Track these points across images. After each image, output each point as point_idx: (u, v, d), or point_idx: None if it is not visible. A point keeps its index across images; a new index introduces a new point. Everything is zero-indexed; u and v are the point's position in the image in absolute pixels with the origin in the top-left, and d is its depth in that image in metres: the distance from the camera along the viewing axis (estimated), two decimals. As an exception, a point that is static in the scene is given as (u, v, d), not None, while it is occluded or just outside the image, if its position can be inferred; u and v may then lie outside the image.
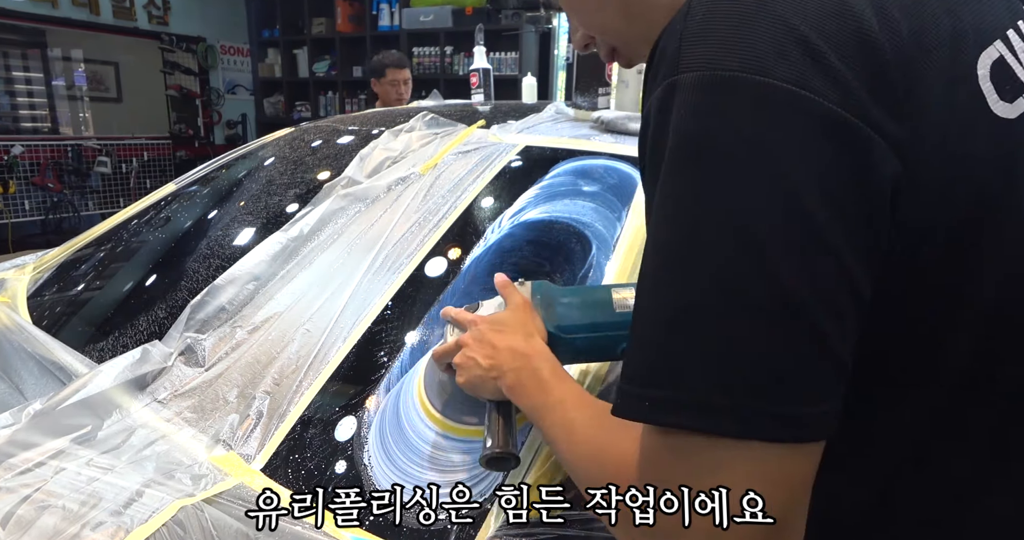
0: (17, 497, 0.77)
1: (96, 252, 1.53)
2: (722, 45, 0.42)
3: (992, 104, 0.45)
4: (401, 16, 5.50)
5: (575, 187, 1.13)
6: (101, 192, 5.72)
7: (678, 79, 0.42)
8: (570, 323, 0.72)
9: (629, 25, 0.59)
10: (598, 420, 0.54)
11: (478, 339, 0.72)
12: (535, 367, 0.65)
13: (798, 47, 0.40)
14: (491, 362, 0.69)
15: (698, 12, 0.44)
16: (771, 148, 0.40)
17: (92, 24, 5.54)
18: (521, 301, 0.75)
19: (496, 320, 0.74)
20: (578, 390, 0.62)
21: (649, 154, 0.46)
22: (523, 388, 0.65)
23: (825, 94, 0.40)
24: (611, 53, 0.65)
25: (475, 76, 2.18)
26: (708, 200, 0.41)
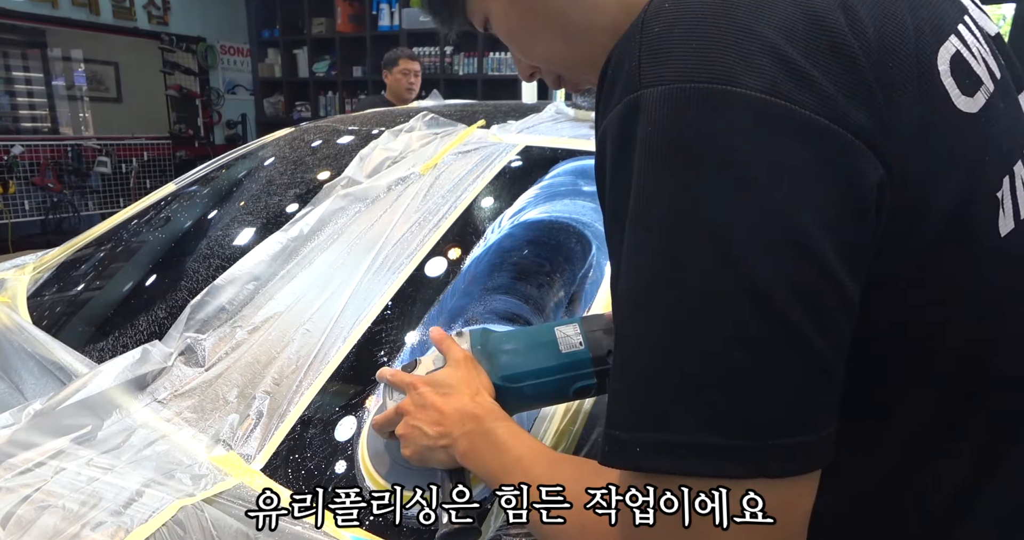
0: (17, 497, 0.77)
1: (96, 252, 1.53)
2: (687, 57, 0.39)
3: (955, 99, 0.44)
4: (401, 16, 5.49)
5: (575, 187, 1.13)
6: (101, 192, 5.72)
7: (641, 94, 0.40)
8: (516, 372, 0.68)
9: (570, 51, 0.58)
10: (561, 473, 0.52)
11: (420, 405, 0.66)
12: (487, 429, 0.60)
13: (767, 55, 0.39)
14: (439, 429, 0.63)
15: (655, 24, 0.42)
16: (749, 159, 0.38)
17: (92, 24, 5.54)
18: (461, 356, 0.70)
19: (438, 381, 0.67)
20: (536, 445, 0.58)
21: (611, 174, 0.43)
22: (477, 452, 0.60)
23: (801, 102, 0.38)
24: (557, 80, 0.64)
25: None
26: (685, 223, 0.38)
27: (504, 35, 0.62)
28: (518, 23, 0.59)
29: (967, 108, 0.45)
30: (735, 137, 0.38)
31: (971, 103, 0.45)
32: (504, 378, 0.68)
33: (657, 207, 0.39)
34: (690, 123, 0.38)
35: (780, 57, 0.39)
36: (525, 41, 0.61)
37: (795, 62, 0.39)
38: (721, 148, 0.38)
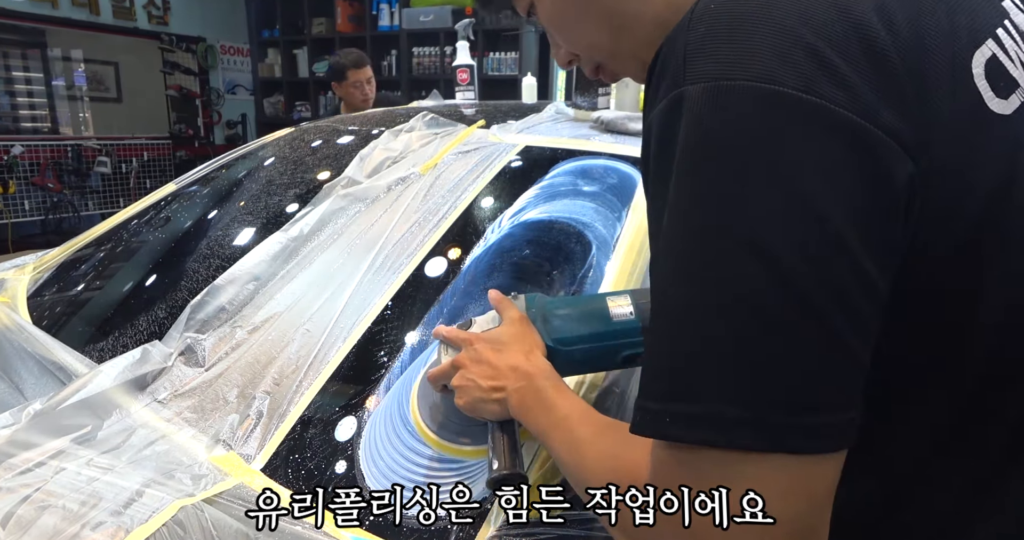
0: (17, 497, 0.77)
1: (96, 252, 1.53)
2: (728, 55, 0.42)
3: (988, 101, 0.46)
4: (401, 16, 5.49)
5: (575, 187, 1.13)
6: (101, 192, 5.72)
7: (684, 91, 0.42)
8: (568, 335, 0.71)
9: (614, 41, 0.59)
10: (604, 436, 0.54)
11: (475, 359, 0.70)
12: (538, 386, 0.64)
13: (804, 54, 0.40)
14: (492, 383, 0.67)
15: (700, 23, 0.44)
16: (783, 155, 0.40)
17: (92, 24, 5.54)
18: (518, 316, 0.74)
19: (493, 338, 0.72)
20: (583, 406, 0.61)
21: (654, 167, 0.46)
22: (528, 408, 0.64)
23: (834, 99, 0.40)
24: (596, 69, 0.65)
25: (464, 72, 2.11)
26: (721, 210, 0.41)
27: (549, 21, 0.63)
28: (565, 10, 0.60)
29: (1001, 110, 0.46)
30: (772, 133, 0.40)
31: (1005, 105, 0.47)
32: (557, 341, 0.71)
33: (695, 197, 0.42)
34: (728, 118, 0.41)
35: (817, 57, 0.40)
36: (570, 28, 0.62)
37: (831, 62, 0.40)
38: (757, 143, 0.40)
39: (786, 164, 0.40)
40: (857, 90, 0.40)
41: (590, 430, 0.56)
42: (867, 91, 0.40)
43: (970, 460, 0.50)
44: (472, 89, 2.14)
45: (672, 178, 0.43)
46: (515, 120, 1.37)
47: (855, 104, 0.40)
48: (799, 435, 0.39)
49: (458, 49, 2.16)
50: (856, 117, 0.40)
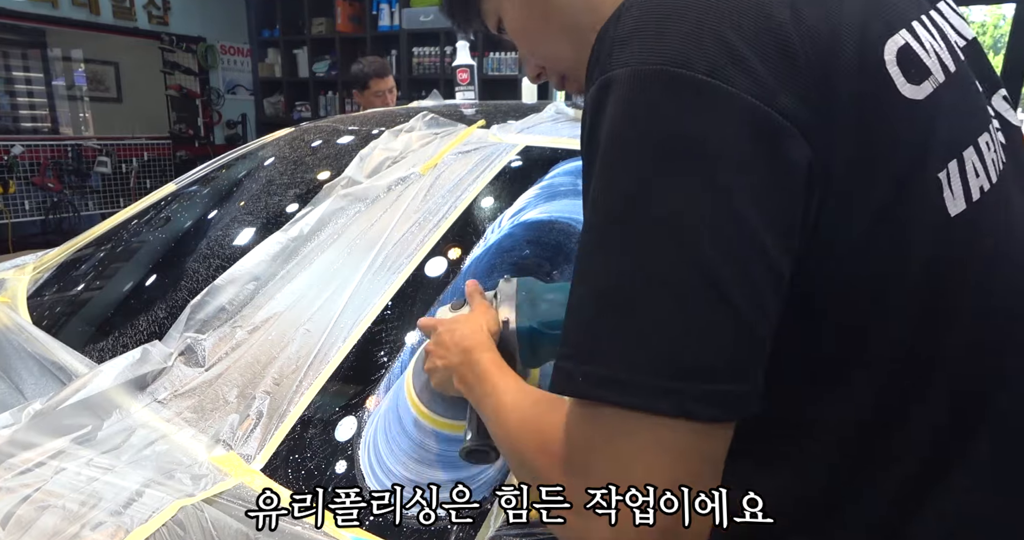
0: (17, 497, 0.77)
1: (96, 252, 1.53)
2: (648, 43, 0.45)
3: (900, 86, 0.49)
4: (401, 16, 5.49)
5: (575, 187, 1.13)
6: (101, 192, 5.71)
7: (610, 76, 0.46)
8: (554, 319, 0.73)
9: (575, 52, 0.62)
10: (527, 403, 0.57)
11: (437, 342, 0.75)
12: (475, 359, 0.68)
13: (714, 42, 0.44)
14: (445, 362, 0.72)
15: (626, 17, 0.48)
16: (689, 134, 0.43)
17: (92, 24, 5.53)
18: (479, 302, 0.78)
19: (452, 321, 0.76)
20: (512, 378, 0.64)
21: (585, 148, 0.49)
22: (466, 380, 0.68)
23: (737, 83, 0.43)
24: (561, 81, 0.69)
25: (464, 72, 2.12)
26: (633, 186, 0.44)
27: (516, 35, 0.67)
28: (529, 24, 0.65)
29: (912, 95, 0.49)
30: (679, 112, 0.44)
31: (917, 91, 0.49)
32: (542, 323, 0.73)
33: (612, 173, 0.45)
34: (643, 100, 0.44)
35: (724, 44, 0.44)
36: (534, 41, 0.66)
37: (737, 50, 0.44)
38: (665, 121, 0.44)
39: (692, 143, 0.43)
40: (759, 76, 0.44)
41: (515, 398, 0.59)
42: (768, 77, 0.44)
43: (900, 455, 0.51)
44: (472, 89, 2.14)
45: (597, 156, 0.46)
46: (515, 120, 1.37)
47: (756, 89, 0.43)
48: (697, 402, 0.42)
49: (458, 49, 2.16)
50: (756, 101, 0.43)
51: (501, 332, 0.73)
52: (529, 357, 0.74)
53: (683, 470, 0.43)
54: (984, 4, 3.78)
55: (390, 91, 3.23)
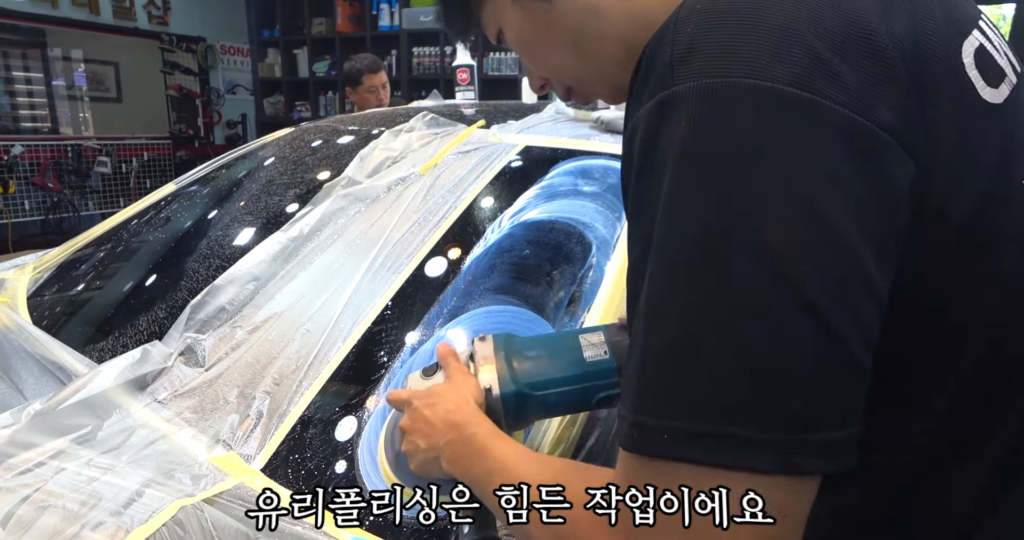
0: (17, 497, 0.77)
1: (96, 252, 1.53)
2: (719, 53, 0.41)
3: (980, 90, 0.45)
4: (401, 16, 5.49)
5: (575, 187, 1.13)
6: (101, 192, 5.72)
7: (675, 91, 0.41)
8: (539, 379, 0.67)
9: (582, 63, 0.59)
10: (548, 472, 0.50)
11: (413, 419, 0.66)
12: (468, 435, 0.59)
13: (797, 49, 0.39)
14: (429, 441, 0.63)
15: (687, 25, 0.43)
16: (779, 153, 0.38)
17: (92, 24, 5.53)
18: (455, 368, 0.70)
19: (428, 393, 0.67)
20: (519, 448, 0.57)
21: (636, 173, 0.44)
22: (460, 460, 0.59)
23: (829, 96, 0.39)
24: (567, 92, 0.65)
25: (464, 72, 2.11)
26: (718, 214, 0.39)
27: (517, 46, 0.63)
28: (532, 35, 0.60)
29: (993, 99, 0.46)
30: (764, 130, 0.39)
31: (996, 94, 0.46)
32: (528, 385, 0.67)
33: (688, 200, 0.40)
34: (718, 119, 0.39)
35: (810, 52, 0.39)
36: (538, 53, 0.62)
37: (824, 57, 0.39)
38: (750, 141, 0.39)
39: (781, 163, 0.38)
40: (853, 87, 0.39)
41: (531, 468, 0.52)
42: (864, 88, 0.39)
43: (974, 464, 0.49)
44: (472, 89, 2.14)
45: (664, 181, 0.41)
46: (515, 120, 1.37)
47: (853, 101, 0.39)
48: (803, 454, 0.37)
49: (458, 49, 2.16)
50: (854, 114, 0.39)
51: (485, 399, 0.66)
52: (514, 423, 0.67)
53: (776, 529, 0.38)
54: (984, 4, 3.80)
55: (383, 87, 3.20)
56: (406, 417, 0.67)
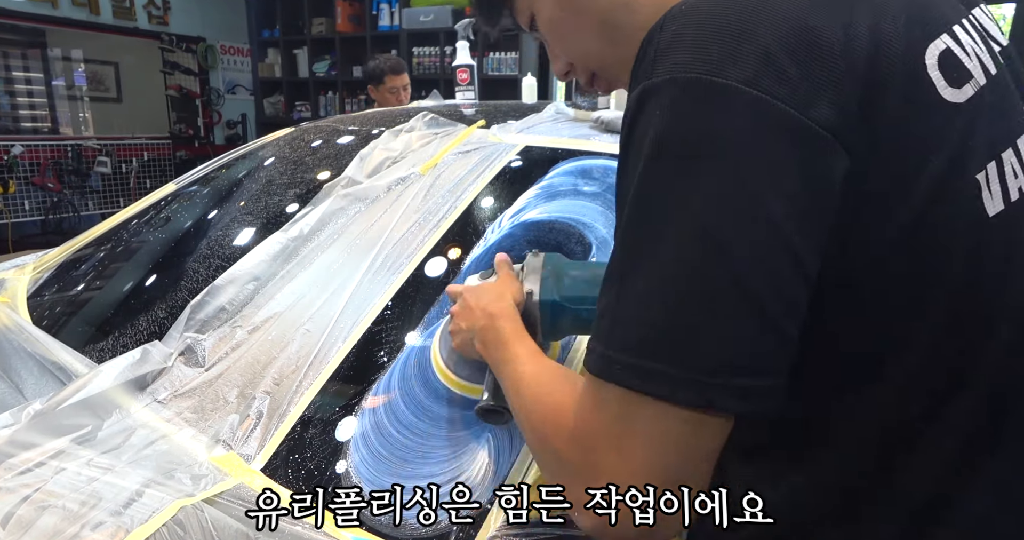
0: (17, 497, 0.77)
1: (96, 252, 1.53)
2: (687, 51, 0.46)
3: (941, 90, 0.49)
4: (401, 16, 5.49)
5: (575, 187, 1.13)
6: (101, 192, 5.72)
7: (650, 83, 0.47)
8: (576, 295, 0.75)
9: (611, 49, 0.63)
10: (543, 374, 0.61)
11: (462, 305, 0.79)
12: (498, 326, 0.71)
13: (753, 51, 0.45)
14: (468, 323, 0.76)
15: (672, 23, 0.48)
16: (726, 144, 0.44)
17: (92, 24, 5.53)
18: (506, 271, 0.82)
19: (478, 287, 0.80)
20: (533, 348, 0.67)
21: (623, 151, 0.51)
22: (488, 344, 0.71)
23: (773, 92, 0.44)
24: (591, 79, 0.69)
25: (464, 72, 2.12)
26: (668, 189, 0.46)
27: (548, 32, 0.68)
28: (563, 20, 0.65)
29: (953, 98, 0.50)
30: (716, 121, 0.45)
31: (958, 94, 0.50)
32: (565, 298, 0.75)
33: (645, 173, 0.47)
34: (679, 105, 0.46)
35: (764, 53, 0.45)
36: (567, 38, 0.66)
37: (776, 59, 0.45)
38: (703, 132, 0.45)
39: (728, 152, 0.44)
40: (797, 85, 0.44)
41: (531, 368, 0.62)
42: (806, 87, 0.44)
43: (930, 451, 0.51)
44: (472, 89, 2.14)
45: (636, 158, 0.47)
46: (515, 120, 1.37)
47: (795, 99, 0.44)
48: (719, 394, 0.44)
49: (458, 49, 2.16)
50: (795, 111, 0.44)
51: (525, 303, 0.75)
52: (550, 330, 0.76)
53: (682, 456, 0.45)
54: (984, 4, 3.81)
55: (404, 88, 3.29)
56: (457, 304, 0.81)
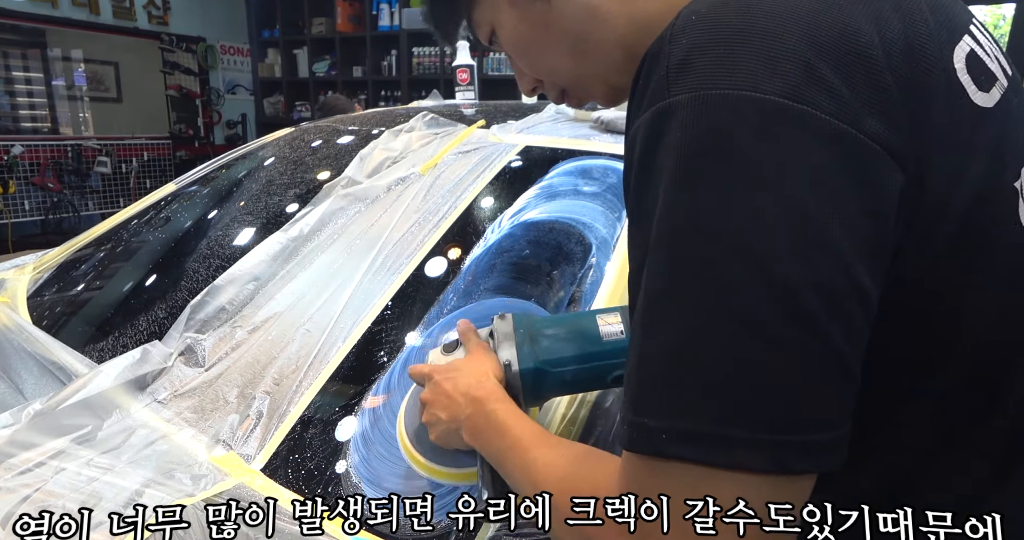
0: (17, 497, 0.77)
1: (96, 252, 1.53)
2: (713, 66, 0.41)
3: (972, 95, 0.46)
4: (401, 16, 5.49)
5: (575, 187, 1.13)
6: (101, 192, 5.71)
7: (671, 102, 0.42)
8: (557, 356, 0.70)
9: (579, 65, 0.59)
10: (561, 458, 0.52)
11: (435, 392, 0.69)
12: (489, 410, 0.62)
13: (791, 61, 0.40)
14: (449, 413, 0.66)
15: (683, 35, 0.43)
16: (773, 163, 0.39)
17: (92, 24, 5.53)
18: (476, 343, 0.73)
19: (450, 367, 0.71)
20: (536, 428, 0.59)
21: (635, 180, 0.45)
22: (480, 432, 0.63)
23: (821, 106, 0.39)
24: (561, 95, 0.64)
25: (464, 72, 2.12)
26: (714, 221, 0.40)
27: (512, 48, 0.62)
28: (528, 35, 0.60)
29: (984, 103, 0.47)
30: (757, 141, 0.39)
31: (987, 98, 0.47)
32: (545, 362, 0.70)
33: (684, 209, 0.41)
34: (713, 128, 0.40)
35: (803, 63, 0.40)
36: (533, 54, 0.61)
37: (817, 68, 0.40)
38: (743, 152, 0.40)
39: (775, 173, 0.39)
40: (845, 98, 0.40)
41: (545, 453, 0.54)
42: (855, 99, 0.40)
43: (968, 459, 0.50)
44: (472, 89, 2.14)
45: (660, 188, 0.42)
46: (515, 120, 1.37)
47: (843, 112, 0.40)
48: (793, 454, 0.38)
49: (458, 49, 2.15)
50: (845, 125, 0.39)
51: (504, 374, 0.69)
52: (532, 397, 0.71)
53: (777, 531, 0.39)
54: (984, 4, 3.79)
55: None
56: (428, 390, 0.70)
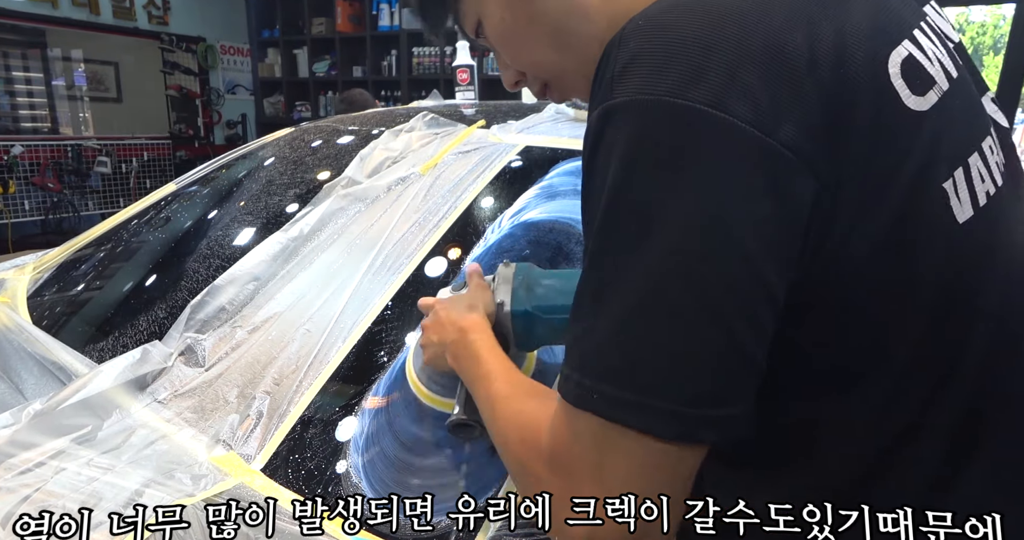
0: (17, 497, 0.77)
1: (96, 252, 1.53)
2: (648, 72, 0.44)
3: (905, 99, 0.48)
4: (401, 16, 5.49)
5: (575, 187, 1.13)
6: (101, 192, 5.71)
7: (610, 104, 0.45)
8: (548, 304, 0.75)
9: (561, 59, 0.61)
10: (517, 394, 0.59)
11: (433, 319, 0.77)
12: (470, 340, 0.69)
13: (718, 71, 0.43)
14: (439, 337, 0.74)
15: (630, 40, 0.47)
16: (691, 168, 0.43)
17: (92, 24, 5.53)
18: (477, 282, 0.80)
19: (450, 300, 0.78)
20: (505, 364, 0.65)
21: (585, 175, 0.49)
22: (459, 359, 0.70)
23: (738, 114, 0.42)
24: (543, 89, 0.66)
25: (464, 72, 2.12)
26: (633, 217, 0.44)
27: (496, 40, 0.64)
28: (513, 28, 0.61)
29: (917, 107, 0.48)
30: (679, 145, 0.43)
31: (922, 102, 0.49)
32: (537, 308, 0.75)
33: (609, 199, 0.45)
34: (641, 131, 0.44)
35: (728, 72, 0.43)
36: (516, 46, 0.63)
37: (741, 77, 0.43)
38: (667, 154, 0.43)
39: (693, 176, 0.43)
40: (762, 106, 0.43)
41: (505, 388, 0.61)
42: (772, 107, 0.43)
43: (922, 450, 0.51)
44: (472, 89, 2.14)
45: (601, 183, 0.46)
46: (515, 120, 1.37)
47: (760, 120, 0.42)
48: (701, 427, 0.44)
49: (458, 49, 2.16)
50: (759, 133, 0.42)
51: (496, 314, 0.75)
52: (523, 340, 0.76)
53: (662, 487, 0.45)
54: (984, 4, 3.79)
55: None
56: (428, 317, 0.79)
